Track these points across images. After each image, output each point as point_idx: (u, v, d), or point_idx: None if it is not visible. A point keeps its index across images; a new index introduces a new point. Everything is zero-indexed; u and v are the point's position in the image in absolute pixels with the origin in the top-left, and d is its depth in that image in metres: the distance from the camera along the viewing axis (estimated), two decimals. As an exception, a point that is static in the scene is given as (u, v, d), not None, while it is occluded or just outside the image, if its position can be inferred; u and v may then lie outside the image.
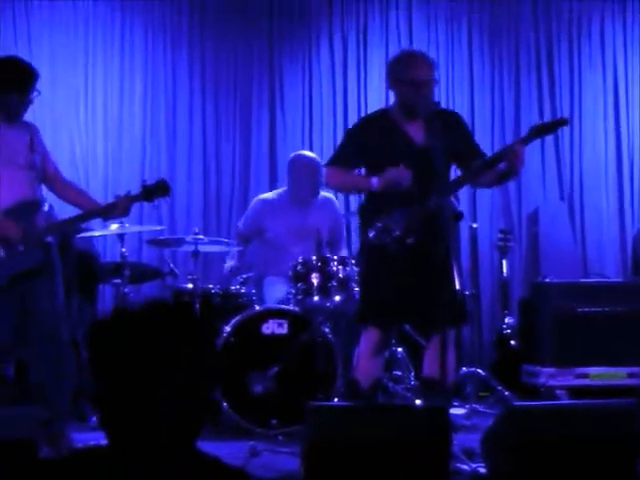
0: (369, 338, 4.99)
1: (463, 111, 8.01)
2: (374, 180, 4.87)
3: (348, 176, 5.12)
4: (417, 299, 4.87)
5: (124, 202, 5.08)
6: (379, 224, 4.84)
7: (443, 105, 6.60)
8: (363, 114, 7.67)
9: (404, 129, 4.98)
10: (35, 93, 5.05)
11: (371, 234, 4.87)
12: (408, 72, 4.89)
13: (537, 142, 5.35)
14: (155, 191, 5.14)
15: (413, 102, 4.89)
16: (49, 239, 5.14)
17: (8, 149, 5.01)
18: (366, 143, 4.99)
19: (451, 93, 8.12)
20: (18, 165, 5.01)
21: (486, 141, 8.08)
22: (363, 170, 5.17)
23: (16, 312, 4.96)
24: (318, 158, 6.73)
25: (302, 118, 8.05)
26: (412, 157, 4.88)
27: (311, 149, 7.56)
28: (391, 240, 4.81)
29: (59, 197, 5.34)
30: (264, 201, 6.72)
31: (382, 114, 5.15)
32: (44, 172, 5.16)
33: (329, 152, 7.39)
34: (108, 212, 5.17)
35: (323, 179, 6.57)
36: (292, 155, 6.78)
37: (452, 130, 4.92)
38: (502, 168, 4.89)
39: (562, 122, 5.02)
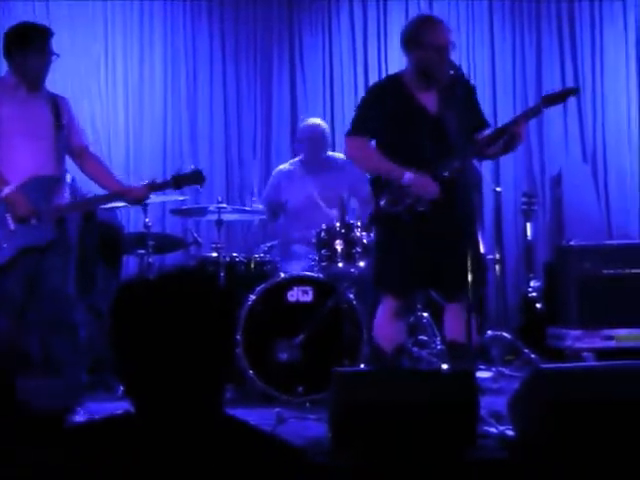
0: (386, 305, 4.95)
1: (484, 72, 8.01)
2: (408, 175, 4.70)
3: (378, 157, 4.87)
4: (435, 265, 4.84)
5: (144, 190, 5.09)
6: (390, 192, 4.81)
7: (464, 68, 6.52)
8: (384, 75, 7.63)
9: (418, 97, 4.88)
10: (54, 56, 5.01)
11: (382, 202, 4.83)
12: (427, 35, 4.78)
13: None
14: (187, 180, 5.17)
15: (431, 67, 4.81)
16: (67, 216, 5.11)
17: (28, 120, 4.94)
18: (382, 110, 4.85)
19: (472, 55, 8.07)
20: (38, 137, 4.92)
21: (508, 101, 8.04)
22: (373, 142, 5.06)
23: (24, 286, 4.91)
24: (322, 124, 6.71)
25: (322, 81, 8.01)
26: (425, 126, 4.82)
27: (332, 112, 7.54)
28: (402, 208, 4.78)
29: (83, 172, 5.30)
30: (281, 172, 6.70)
31: (395, 81, 4.99)
32: (69, 145, 5.13)
33: (350, 115, 7.39)
34: (126, 195, 5.16)
35: (328, 144, 6.59)
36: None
37: (465, 99, 4.85)
38: (504, 141, 4.84)
39: (572, 91, 4.97)
